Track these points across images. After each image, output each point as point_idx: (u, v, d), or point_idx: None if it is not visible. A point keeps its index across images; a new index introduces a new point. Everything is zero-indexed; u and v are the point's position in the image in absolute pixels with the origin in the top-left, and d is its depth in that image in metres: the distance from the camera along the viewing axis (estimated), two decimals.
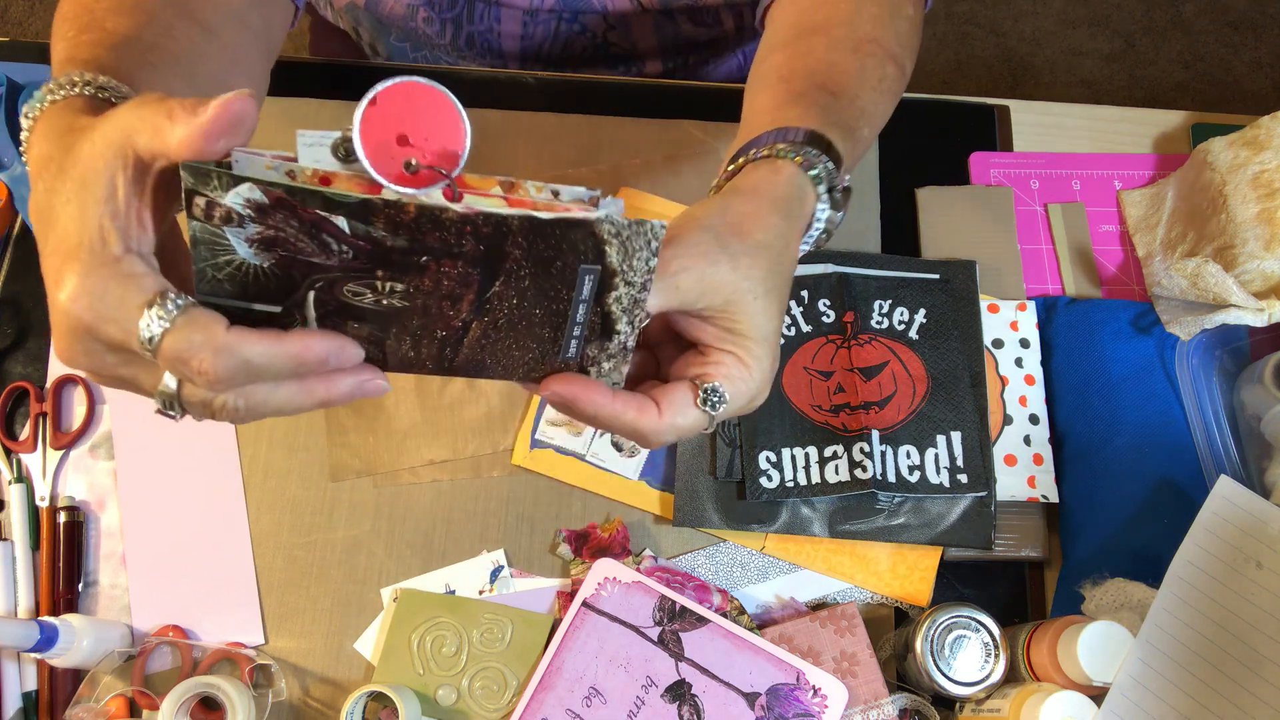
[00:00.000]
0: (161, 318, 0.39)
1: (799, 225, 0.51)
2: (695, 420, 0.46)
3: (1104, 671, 0.58)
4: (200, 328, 0.39)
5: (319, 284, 0.40)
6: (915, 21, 0.66)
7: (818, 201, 0.52)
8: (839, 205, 0.53)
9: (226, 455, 0.72)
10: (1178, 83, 1.93)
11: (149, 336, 0.39)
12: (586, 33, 0.90)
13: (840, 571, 0.69)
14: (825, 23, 0.62)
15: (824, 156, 0.51)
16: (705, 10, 0.90)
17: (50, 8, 1.99)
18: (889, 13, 0.63)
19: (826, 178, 0.52)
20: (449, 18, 0.89)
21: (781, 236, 0.49)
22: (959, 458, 0.69)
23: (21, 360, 0.75)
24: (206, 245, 0.38)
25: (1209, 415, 0.68)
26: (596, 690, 0.64)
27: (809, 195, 0.51)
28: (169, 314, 0.39)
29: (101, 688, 0.65)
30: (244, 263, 0.39)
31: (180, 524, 0.70)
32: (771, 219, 0.49)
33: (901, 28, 0.63)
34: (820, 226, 0.54)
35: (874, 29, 0.61)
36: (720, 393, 0.46)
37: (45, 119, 0.45)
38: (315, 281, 0.40)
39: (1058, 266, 0.78)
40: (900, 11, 0.64)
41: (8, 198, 0.77)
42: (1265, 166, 0.73)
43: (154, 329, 0.39)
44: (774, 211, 0.49)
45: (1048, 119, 0.84)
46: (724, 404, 0.47)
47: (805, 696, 0.63)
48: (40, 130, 0.44)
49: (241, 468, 0.72)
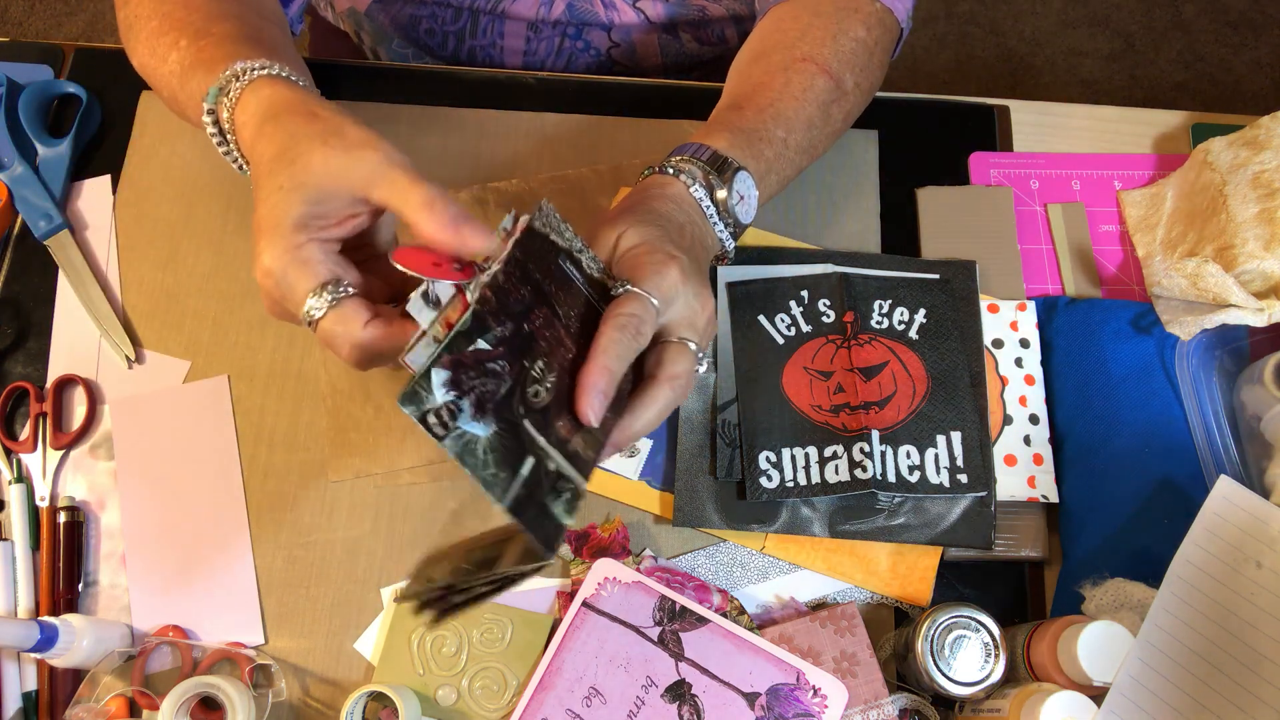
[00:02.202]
0: (319, 306, 0.49)
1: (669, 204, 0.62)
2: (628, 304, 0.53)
3: (1104, 671, 0.58)
4: (345, 321, 0.49)
5: (520, 412, 0.49)
6: (866, 43, 0.72)
7: (689, 189, 0.62)
8: (716, 186, 0.63)
9: (226, 455, 0.72)
10: (1178, 83, 1.93)
11: (309, 318, 0.50)
12: (590, 50, 0.90)
13: (840, 571, 0.69)
14: (772, 48, 0.71)
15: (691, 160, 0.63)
16: (710, 26, 0.90)
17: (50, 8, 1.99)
18: (832, 35, 0.71)
19: (696, 170, 0.63)
20: (451, 30, 0.89)
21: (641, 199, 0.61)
22: (959, 458, 0.69)
23: (21, 360, 0.75)
24: (467, 455, 0.46)
25: (1209, 415, 0.68)
26: (596, 690, 0.64)
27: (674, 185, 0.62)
28: (325, 303, 0.49)
29: (101, 688, 0.65)
30: (483, 439, 0.47)
31: (180, 524, 0.70)
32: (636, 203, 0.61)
33: (845, 47, 0.71)
34: (708, 206, 0.63)
35: (811, 49, 0.70)
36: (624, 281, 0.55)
37: (249, 103, 0.55)
38: (519, 412, 0.49)
39: (1058, 266, 0.78)
40: (846, 33, 0.71)
41: (8, 198, 0.77)
42: (1265, 166, 0.73)
43: (314, 312, 0.50)
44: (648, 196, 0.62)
45: (1048, 119, 0.84)
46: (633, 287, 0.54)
47: (805, 696, 0.63)
48: (252, 113, 0.55)
49: (241, 468, 0.72)
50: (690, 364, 0.56)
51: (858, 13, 0.72)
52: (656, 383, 0.55)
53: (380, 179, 0.50)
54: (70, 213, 0.78)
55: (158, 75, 0.64)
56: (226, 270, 0.77)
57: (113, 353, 0.74)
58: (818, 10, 0.72)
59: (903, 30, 0.76)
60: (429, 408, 0.45)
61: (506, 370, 0.49)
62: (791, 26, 0.71)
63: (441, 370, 0.46)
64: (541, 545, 0.47)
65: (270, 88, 0.55)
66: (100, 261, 0.77)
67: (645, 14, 0.86)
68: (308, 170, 0.50)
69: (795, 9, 0.73)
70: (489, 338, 0.48)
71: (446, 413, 0.46)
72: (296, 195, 0.50)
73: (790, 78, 0.69)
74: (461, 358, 0.47)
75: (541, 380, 0.51)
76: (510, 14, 0.87)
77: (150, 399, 0.73)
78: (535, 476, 0.48)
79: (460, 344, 0.47)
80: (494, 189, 0.79)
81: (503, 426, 0.48)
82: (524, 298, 0.51)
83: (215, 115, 0.58)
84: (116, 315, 0.75)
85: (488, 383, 0.48)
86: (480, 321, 0.48)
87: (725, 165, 0.63)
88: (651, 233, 0.58)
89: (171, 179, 0.80)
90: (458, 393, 0.46)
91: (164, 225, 0.78)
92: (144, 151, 0.80)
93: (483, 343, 0.48)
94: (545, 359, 0.51)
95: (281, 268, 0.50)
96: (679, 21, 0.89)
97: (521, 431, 0.49)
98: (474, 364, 0.47)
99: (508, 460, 0.48)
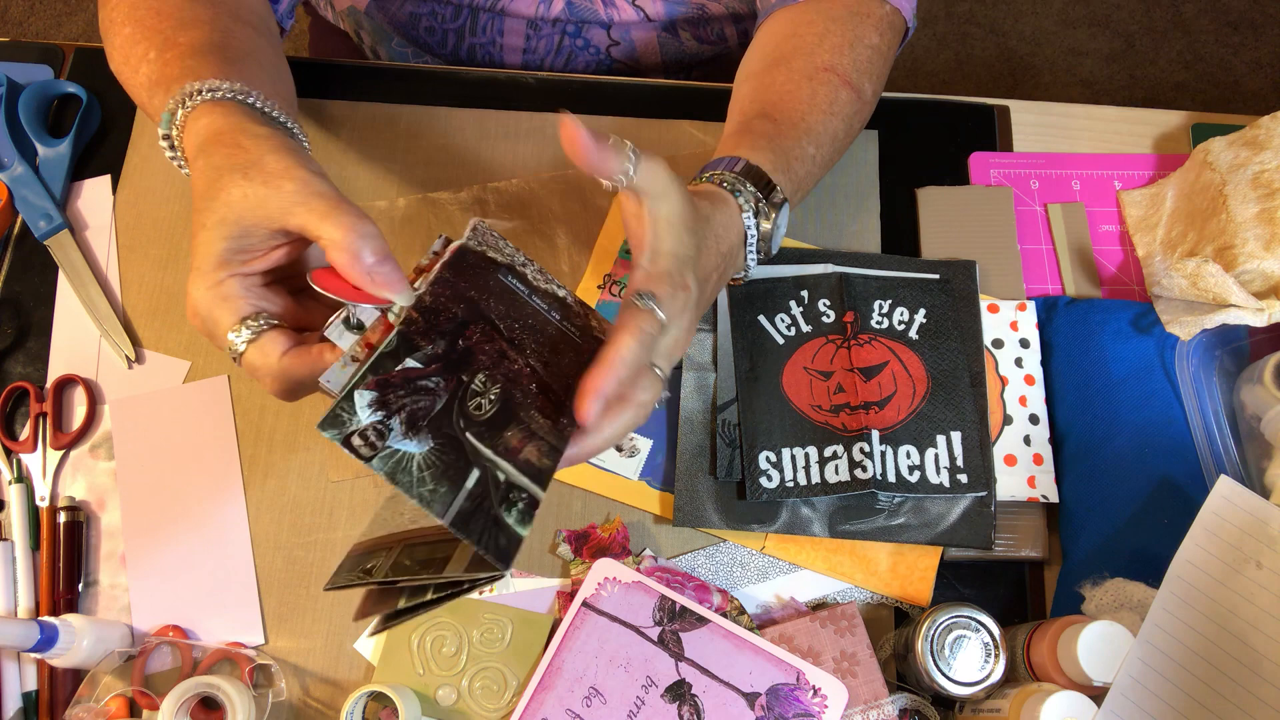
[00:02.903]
0: (240, 341, 0.51)
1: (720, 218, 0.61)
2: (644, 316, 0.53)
3: (1104, 671, 0.58)
4: (265, 354, 0.50)
5: (461, 425, 0.49)
6: (880, 49, 0.73)
7: (742, 214, 0.63)
8: (764, 215, 0.64)
9: (226, 456, 0.72)
10: (1178, 83, 1.93)
11: (233, 351, 0.51)
12: (590, 48, 0.90)
13: (840, 571, 0.69)
14: (791, 53, 0.71)
15: (746, 182, 0.63)
16: (709, 24, 0.90)
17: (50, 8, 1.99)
18: (850, 42, 0.71)
19: (750, 196, 0.63)
20: (451, 28, 0.89)
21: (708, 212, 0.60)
22: (959, 458, 0.69)
23: (21, 360, 0.75)
24: (400, 474, 0.46)
25: (1209, 415, 0.68)
26: (596, 690, 0.64)
27: (731, 205, 0.62)
28: (246, 338, 0.50)
29: (101, 688, 0.65)
30: (418, 456, 0.47)
31: (180, 524, 0.70)
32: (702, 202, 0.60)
33: (862, 55, 0.71)
34: (753, 235, 0.64)
35: (832, 58, 0.70)
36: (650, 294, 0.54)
37: (190, 131, 0.55)
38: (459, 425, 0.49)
39: (1058, 266, 0.78)
40: (862, 40, 0.71)
41: (8, 198, 0.77)
42: (1265, 166, 0.73)
43: (238, 346, 0.51)
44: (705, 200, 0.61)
45: (1048, 119, 0.84)
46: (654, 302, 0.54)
47: (805, 696, 0.63)
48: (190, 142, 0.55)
49: (241, 468, 0.72)
50: (657, 393, 0.55)
51: (870, 17, 0.72)
52: (626, 404, 0.54)
53: (297, 208, 0.50)
54: (70, 213, 0.78)
55: (132, 86, 0.64)
56: None
57: (113, 353, 0.74)
58: (832, 15, 0.71)
59: (909, 30, 0.76)
60: (352, 429, 0.45)
61: (441, 386, 0.48)
62: (807, 32, 0.71)
63: (365, 392, 0.46)
64: (494, 558, 0.46)
65: (208, 116, 0.55)
66: (100, 261, 0.77)
67: (645, 11, 0.86)
68: (228, 205, 0.50)
69: (808, 12, 0.72)
70: (419, 356, 0.48)
71: (374, 433, 0.45)
72: (217, 232, 0.51)
73: (816, 89, 0.69)
74: (388, 377, 0.47)
75: (484, 393, 0.50)
76: (510, 11, 0.87)
77: (150, 399, 0.73)
78: (481, 488, 0.47)
79: (386, 364, 0.47)
80: (494, 189, 0.79)
81: (440, 441, 0.47)
82: (456, 315, 0.51)
83: (170, 139, 0.58)
84: (116, 315, 0.75)
85: (420, 400, 0.47)
86: (407, 341, 0.48)
87: (773, 193, 0.64)
88: (688, 249, 0.56)
89: (171, 179, 0.80)
90: (385, 412, 0.46)
91: (164, 225, 0.78)
92: (144, 151, 0.80)
93: (412, 361, 0.48)
94: (487, 371, 0.51)
95: (206, 305, 0.51)
96: (678, 19, 0.89)
97: (464, 445, 0.48)
98: (402, 383, 0.47)
99: (448, 474, 0.47)
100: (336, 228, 0.49)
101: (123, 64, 0.65)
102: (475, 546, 0.46)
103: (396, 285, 0.49)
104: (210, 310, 0.51)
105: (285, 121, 0.59)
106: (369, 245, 0.49)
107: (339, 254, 0.49)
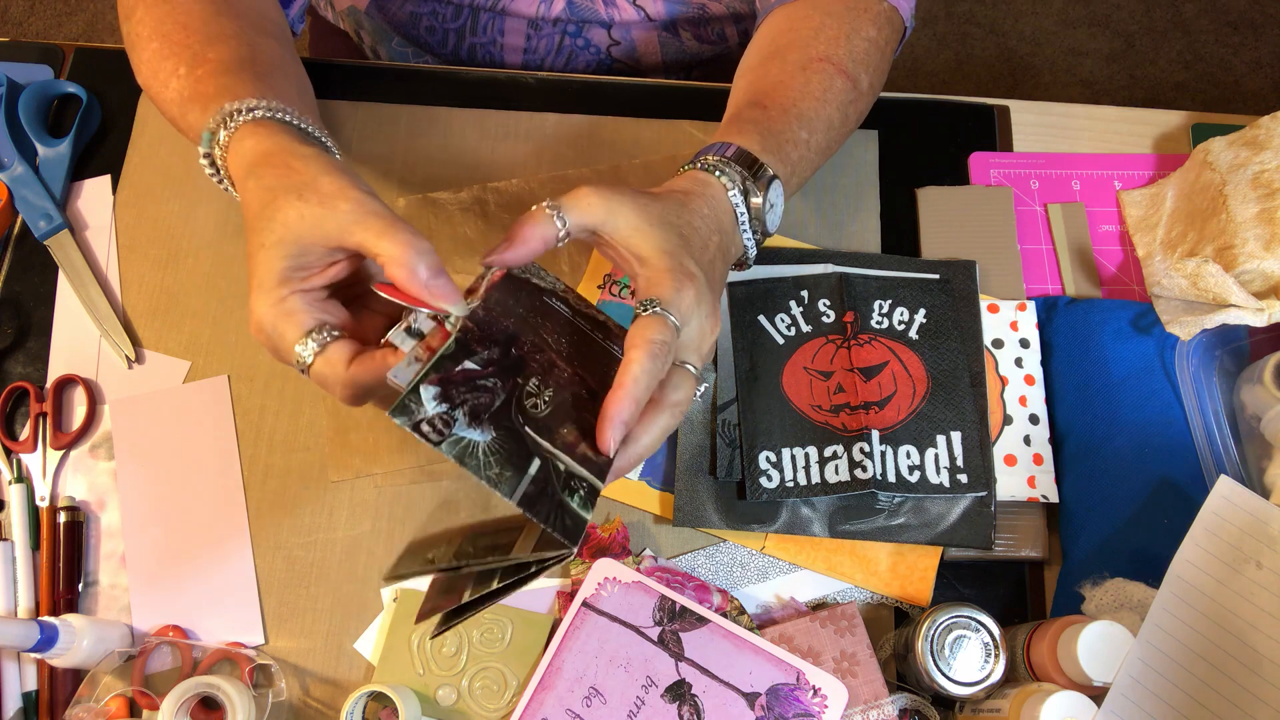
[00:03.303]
0: (307, 353, 0.52)
1: (701, 202, 0.61)
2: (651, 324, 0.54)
3: (1104, 671, 0.58)
4: (332, 363, 0.52)
5: (520, 421, 0.52)
6: (877, 42, 0.73)
7: (727, 192, 0.62)
8: (752, 193, 0.63)
9: (226, 456, 0.72)
10: (1178, 83, 1.93)
11: (300, 364, 0.53)
12: (590, 48, 0.90)
13: (840, 571, 0.69)
14: (786, 46, 0.71)
15: (730, 162, 0.63)
16: (710, 24, 0.90)
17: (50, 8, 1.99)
18: (845, 34, 0.71)
19: (734, 174, 0.62)
20: (452, 27, 0.89)
21: (681, 201, 0.60)
22: (959, 458, 0.69)
23: (21, 360, 0.75)
24: (467, 458, 0.49)
25: (1209, 415, 0.68)
26: (596, 690, 0.64)
27: (714, 185, 0.62)
28: (312, 350, 0.52)
29: (101, 688, 0.65)
30: (482, 443, 0.50)
31: (180, 524, 0.70)
32: (672, 193, 0.61)
33: (858, 47, 0.72)
34: (742, 211, 0.63)
35: (828, 48, 0.70)
36: (652, 300, 0.55)
37: (235, 153, 0.57)
38: (518, 421, 0.52)
39: (1058, 266, 0.78)
40: (859, 33, 0.72)
41: (8, 198, 0.77)
42: (1265, 166, 0.73)
43: (305, 358, 0.53)
44: (679, 190, 0.61)
45: (1048, 119, 0.84)
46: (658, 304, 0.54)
47: (805, 696, 0.63)
48: (237, 164, 0.57)
49: (241, 468, 0.72)
50: (692, 390, 0.56)
51: (867, 12, 0.72)
52: (658, 408, 0.55)
53: (354, 227, 0.52)
54: (70, 213, 0.78)
55: (161, 100, 0.66)
56: (226, 270, 0.77)
57: (113, 353, 0.74)
58: (829, 10, 0.72)
59: (906, 29, 0.77)
60: (420, 417, 0.48)
61: (498, 386, 0.52)
62: (804, 26, 0.71)
63: (430, 386, 0.49)
64: (563, 536, 0.49)
65: (253, 138, 0.57)
66: (100, 261, 0.77)
67: (645, 11, 0.86)
68: (285, 225, 0.53)
69: (805, 9, 0.73)
70: (476, 359, 0.52)
71: (440, 421, 0.48)
72: (276, 252, 0.53)
73: (809, 78, 0.69)
74: (450, 375, 0.50)
75: (539, 394, 0.53)
76: (510, 11, 0.87)
77: (150, 399, 0.73)
78: (544, 475, 0.50)
79: (446, 365, 0.50)
80: (494, 189, 0.79)
81: (502, 433, 0.50)
82: (507, 328, 0.55)
83: (211, 158, 0.60)
84: (116, 315, 0.75)
85: (480, 396, 0.51)
86: (464, 346, 0.52)
87: (760, 171, 0.64)
88: (671, 241, 0.57)
89: (171, 179, 0.80)
90: (449, 404, 0.49)
91: (164, 225, 0.78)
92: (144, 151, 0.80)
93: (470, 364, 0.51)
94: (539, 377, 0.54)
95: (270, 321, 0.53)
96: (679, 19, 0.89)
97: (524, 437, 0.51)
98: (463, 380, 0.51)
99: (512, 461, 0.50)
100: (394, 245, 0.51)
101: (151, 78, 0.66)
102: (543, 525, 0.48)
103: (451, 296, 0.52)
104: (275, 325, 0.53)
105: (322, 138, 0.61)
106: (424, 261, 0.51)
107: (398, 269, 0.51)
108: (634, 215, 0.57)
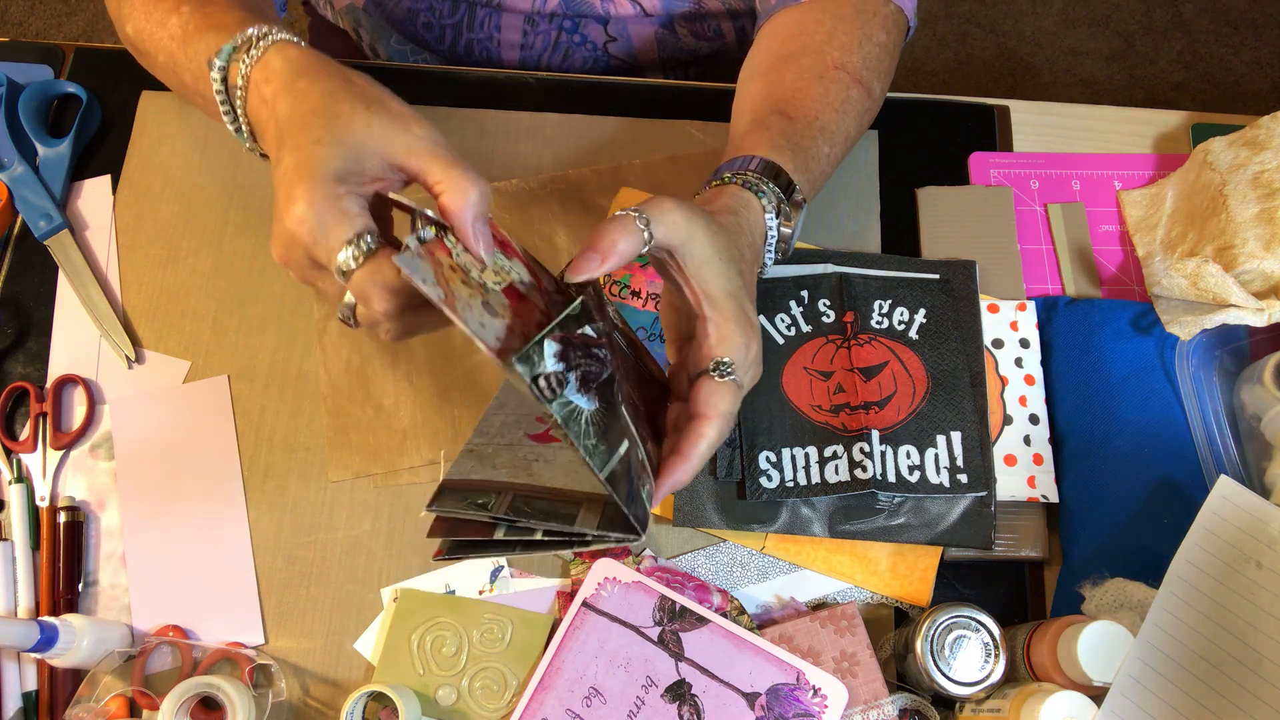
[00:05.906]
0: (356, 256, 0.49)
1: (746, 224, 0.61)
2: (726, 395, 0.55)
3: (1104, 671, 0.58)
4: (380, 271, 0.49)
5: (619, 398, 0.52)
6: (887, 47, 0.73)
7: (765, 214, 0.63)
8: (788, 218, 0.64)
9: (226, 455, 0.72)
10: (1178, 83, 1.93)
11: (344, 268, 0.49)
12: (587, 44, 0.90)
13: (840, 571, 0.69)
14: (799, 51, 0.70)
15: (768, 181, 0.63)
16: (706, 20, 0.90)
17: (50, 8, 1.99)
18: (858, 40, 0.71)
19: (772, 196, 0.63)
20: (449, 24, 0.89)
21: (735, 225, 0.60)
22: (959, 458, 0.69)
23: (21, 360, 0.75)
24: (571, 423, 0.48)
25: (1209, 415, 0.68)
26: (596, 690, 0.64)
27: (755, 207, 0.62)
28: (361, 252, 0.49)
29: (101, 688, 0.65)
30: (587, 411, 0.50)
31: (180, 524, 0.70)
32: (728, 214, 0.61)
33: (870, 53, 0.71)
34: (773, 235, 0.64)
35: (842, 56, 0.70)
36: (728, 363, 0.55)
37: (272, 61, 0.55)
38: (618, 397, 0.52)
39: (1058, 266, 0.78)
40: (870, 39, 0.71)
41: (8, 198, 0.77)
42: (1265, 166, 0.73)
43: (350, 263, 0.49)
44: (728, 210, 0.61)
45: (1048, 119, 0.84)
46: (733, 369, 0.55)
47: (805, 696, 0.63)
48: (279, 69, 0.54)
49: (241, 468, 0.72)
50: (737, 402, 0.56)
51: (876, 15, 0.72)
52: (708, 421, 0.55)
53: (423, 153, 0.51)
54: (70, 213, 0.78)
55: (154, 40, 0.64)
56: (226, 270, 0.77)
57: (113, 353, 0.74)
58: (839, 14, 0.71)
59: (910, 28, 0.76)
60: (539, 372, 0.47)
61: (607, 359, 0.52)
62: (815, 30, 0.71)
63: (553, 343, 0.48)
64: (636, 523, 0.50)
65: (297, 50, 0.56)
66: (100, 261, 0.77)
67: (641, 6, 0.86)
68: (349, 128, 0.51)
69: (813, 11, 0.72)
70: (595, 328, 0.52)
71: (555, 380, 0.48)
72: (336, 149, 0.50)
73: (828, 87, 0.68)
74: (571, 336, 0.50)
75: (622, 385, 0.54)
76: (506, 6, 0.87)
77: (150, 399, 0.73)
78: (628, 459, 0.51)
79: (570, 325, 0.50)
80: (494, 189, 0.79)
81: (604, 406, 0.51)
82: (607, 315, 0.56)
83: (224, 72, 0.58)
84: (116, 315, 0.75)
85: (591, 365, 0.51)
86: (587, 311, 0.52)
87: (793, 193, 0.64)
88: (734, 281, 0.56)
89: (171, 179, 0.80)
90: (565, 365, 0.49)
91: (164, 225, 0.78)
92: (144, 151, 0.80)
93: (589, 329, 0.51)
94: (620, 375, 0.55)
95: (318, 215, 0.49)
96: (676, 15, 0.89)
97: (620, 416, 0.51)
98: (580, 344, 0.50)
99: (608, 436, 0.50)
100: (462, 176, 0.51)
101: (145, 20, 0.64)
102: (624, 507, 0.49)
103: (486, 245, 0.51)
104: (323, 219, 0.49)
105: None
106: (482, 202, 0.51)
107: (454, 198, 0.50)
108: (707, 244, 0.55)
